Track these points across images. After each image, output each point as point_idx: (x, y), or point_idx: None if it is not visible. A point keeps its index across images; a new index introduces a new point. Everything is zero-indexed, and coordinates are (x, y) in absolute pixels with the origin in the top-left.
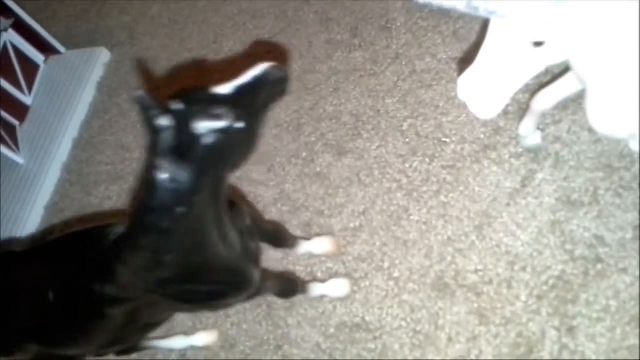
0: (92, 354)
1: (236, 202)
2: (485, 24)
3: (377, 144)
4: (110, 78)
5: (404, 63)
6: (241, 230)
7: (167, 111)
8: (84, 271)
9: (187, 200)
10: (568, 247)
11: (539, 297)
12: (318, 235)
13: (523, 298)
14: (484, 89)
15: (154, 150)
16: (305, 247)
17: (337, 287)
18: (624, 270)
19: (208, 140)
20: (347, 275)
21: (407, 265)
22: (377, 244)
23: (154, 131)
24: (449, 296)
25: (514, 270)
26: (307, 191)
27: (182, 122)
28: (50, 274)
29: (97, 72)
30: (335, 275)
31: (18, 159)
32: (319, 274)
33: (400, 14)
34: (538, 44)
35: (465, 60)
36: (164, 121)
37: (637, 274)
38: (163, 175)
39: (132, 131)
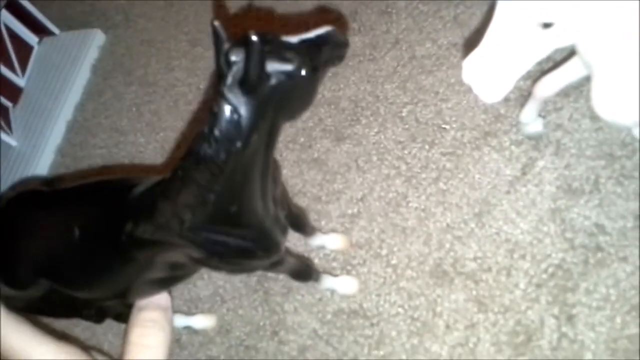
0: (102, 300)
1: (274, 169)
2: (488, 9)
3: (375, 130)
4: (105, 60)
5: (403, 48)
6: (274, 197)
7: (244, 44)
8: (118, 211)
9: (245, 136)
10: (568, 235)
11: (538, 285)
12: (331, 230)
13: (522, 286)
14: (489, 71)
15: (222, 82)
16: (320, 240)
17: (346, 285)
18: (625, 259)
19: (274, 80)
20: (345, 261)
21: (405, 252)
22: (375, 230)
23: (227, 62)
24: (447, 283)
25: (513, 258)
26: (304, 177)
27: (258, 57)
28: (78, 213)
29: (91, 54)
30: (333, 260)
31: (11, 141)
32: (316, 260)
33: None
34: (547, 25)
35: (470, 43)
36: (239, 53)
37: (638, 262)
38: (228, 106)
39: (126, 114)
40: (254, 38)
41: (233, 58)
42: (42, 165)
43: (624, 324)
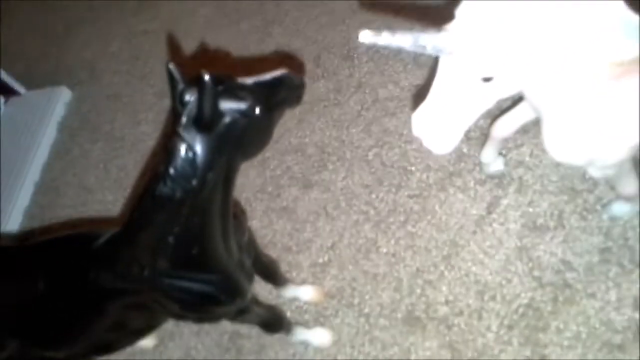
0: (76, 358)
1: (238, 216)
2: (433, 64)
3: (343, 175)
4: (72, 117)
5: (367, 92)
6: (240, 243)
7: (197, 84)
8: (82, 262)
9: (201, 174)
10: (536, 273)
11: (510, 327)
12: (303, 281)
13: (494, 328)
14: (437, 125)
15: (177, 121)
16: (292, 291)
17: (320, 337)
18: (593, 295)
19: (228, 119)
20: (317, 313)
21: (377, 300)
22: (347, 279)
23: (181, 102)
24: (420, 330)
25: (483, 299)
26: (274, 227)
27: (210, 96)
28: (41, 266)
29: (58, 112)
30: (305, 312)
31: None
32: (289, 312)
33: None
34: (487, 79)
35: (419, 96)
36: (193, 93)
37: (606, 298)
38: (183, 145)
39: (94, 172)
40: (206, 78)
41: (187, 98)
42: (10, 228)
43: None
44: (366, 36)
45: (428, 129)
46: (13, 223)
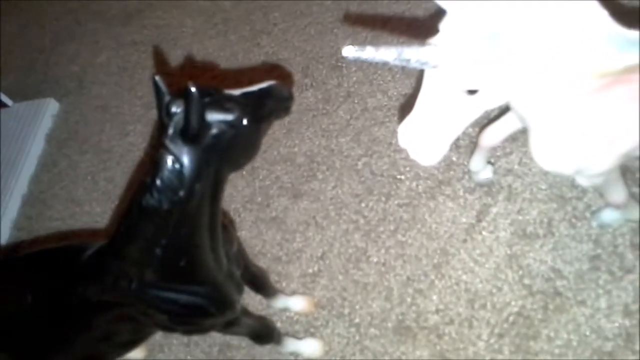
0: None
1: (227, 226)
2: (418, 75)
3: (332, 185)
4: (59, 129)
5: (355, 101)
6: (228, 254)
7: (184, 95)
8: (69, 275)
9: (188, 185)
10: (526, 281)
11: (501, 335)
12: (293, 291)
13: (484, 337)
14: (423, 136)
15: (163, 133)
16: (282, 301)
17: (310, 348)
18: (583, 303)
19: (215, 130)
20: (308, 323)
21: (368, 309)
22: (337, 288)
23: (167, 114)
24: (411, 339)
25: (474, 308)
26: (263, 237)
27: (197, 107)
28: (29, 279)
29: (45, 124)
30: (296, 322)
31: None
32: (279, 323)
33: None
34: (472, 92)
35: (405, 107)
36: (179, 105)
37: (596, 305)
38: (170, 156)
39: (82, 184)
40: (192, 89)
41: (173, 109)
42: None
43: None
44: (350, 51)
45: (414, 141)
46: (1, 235)
